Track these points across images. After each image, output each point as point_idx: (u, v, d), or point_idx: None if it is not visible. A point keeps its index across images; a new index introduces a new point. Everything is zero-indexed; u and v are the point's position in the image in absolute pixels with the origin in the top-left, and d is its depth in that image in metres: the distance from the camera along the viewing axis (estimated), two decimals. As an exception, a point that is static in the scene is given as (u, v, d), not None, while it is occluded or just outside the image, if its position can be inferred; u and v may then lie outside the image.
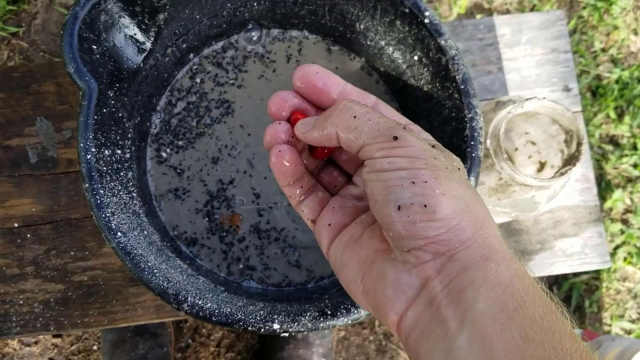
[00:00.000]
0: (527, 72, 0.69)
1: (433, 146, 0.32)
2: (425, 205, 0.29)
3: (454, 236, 0.29)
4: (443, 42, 0.47)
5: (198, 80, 0.57)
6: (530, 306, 0.26)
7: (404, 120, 0.35)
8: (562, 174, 0.52)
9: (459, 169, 0.32)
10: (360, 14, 0.51)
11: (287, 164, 0.35)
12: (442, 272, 0.29)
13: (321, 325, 0.43)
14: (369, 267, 0.33)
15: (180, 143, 0.56)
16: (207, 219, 0.55)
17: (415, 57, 0.50)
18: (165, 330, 0.99)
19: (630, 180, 1.19)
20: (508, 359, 0.24)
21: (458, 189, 0.30)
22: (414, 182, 0.29)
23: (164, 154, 0.56)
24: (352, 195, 0.37)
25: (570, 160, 0.53)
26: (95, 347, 1.08)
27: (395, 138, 0.30)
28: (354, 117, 0.32)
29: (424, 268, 0.29)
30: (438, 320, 0.28)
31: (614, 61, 1.23)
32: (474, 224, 0.29)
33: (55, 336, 1.08)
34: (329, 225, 0.36)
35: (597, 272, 1.17)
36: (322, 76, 0.35)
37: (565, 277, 1.16)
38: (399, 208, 0.29)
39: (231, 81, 0.57)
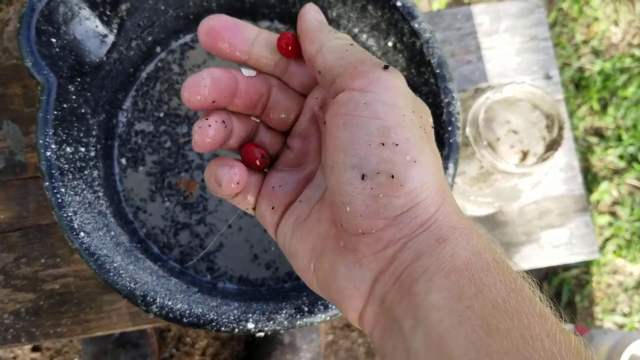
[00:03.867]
0: (506, 60, 0.68)
1: None
2: (392, 176, 0.25)
3: (414, 217, 0.25)
4: (417, 26, 0.45)
5: (165, 74, 0.55)
6: (492, 289, 0.23)
7: None
8: (545, 159, 0.51)
9: (430, 123, 0.28)
10: (331, 0, 0.50)
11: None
12: (394, 262, 0.25)
13: (298, 322, 0.41)
14: (318, 258, 0.29)
15: (149, 142, 0.54)
16: (180, 217, 0.53)
17: (390, 43, 0.49)
18: (148, 340, 0.96)
19: (616, 171, 1.19)
20: (470, 358, 0.21)
21: (429, 154, 0.26)
22: (383, 144, 0.25)
23: (131, 153, 0.54)
24: (290, 164, 0.32)
25: (553, 146, 0.52)
26: (76, 361, 1.05)
27: (386, 67, 0.26)
28: (351, 44, 0.28)
29: (377, 259, 0.26)
30: (392, 318, 0.25)
31: (596, 53, 1.22)
32: (437, 199, 0.26)
33: (34, 350, 1.05)
34: (272, 208, 0.31)
35: (587, 266, 1.15)
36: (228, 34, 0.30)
37: (555, 272, 1.15)
38: (363, 177, 0.25)
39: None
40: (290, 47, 0.30)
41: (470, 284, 0.23)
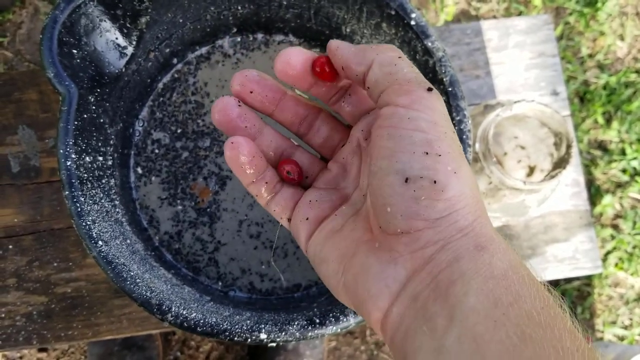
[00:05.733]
0: (515, 76, 0.69)
1: None
2: (435, 181, 0.26)
3: (454, 222, 0.26)
4: (430, 44, 0.46)
5: (180, 85, 0.56)
6: (527, 300, 0.24)
7: None
8: (552, 177, 0.52)
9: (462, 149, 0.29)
10: (346, 17, 0.51)
11: (244, 157, 0.32)
12: (431, 262, 0.26)
13: (309, 334, 0.42)
14: (349, 260, 0.30)
15: (166, 152, 0.55)
16: (190, 222, 0.54)
17: (402, 60, 0.50)
18: (153, 343, 0.97)
19: (619, 185, 1.19)
20: None
21: (467, 169, 0.27)
22: (427, 153, 0.26)
23: (147, 162, 0.55)
24: (328, 184, 0.34)
25: (560, 163, 0.53)
26: (81, 362, 1.06)
27: (430, 90, 0.28)
28: (399, 57, 0.29)
29: (413, 258, 0.27)
30: (425, 317, 0.25)
31: (601, 67, 1.23)
32: (475, 210, 0.27)
33: (40, 351, 1.06)
34: (307, 219, 0.33)
35: (589, 278, 1.16)
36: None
37: (556, 283, 1.16)
38: (406, 180, 0.26)
39: (214, 85, 0.56)
40: (327, 69, 0.32)
41: (507, 293, 0.24)
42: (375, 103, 0.30)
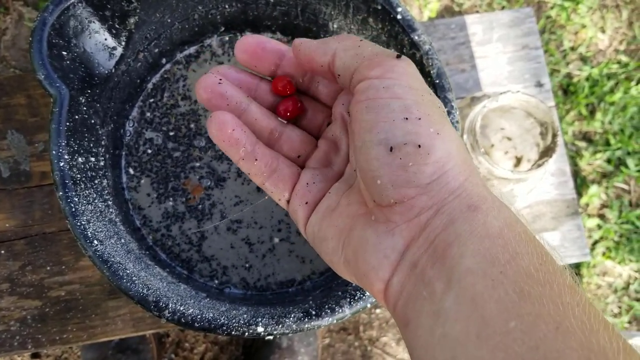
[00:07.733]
0: (499, 69, 0.70)
1: None
2: (419, 146, 0.26)
3: (444, 184, 0.26)
4: (416, 38, 0.47)
5: (170, 85, 0.56)
6: (524, 258, 0.23)
7: None
8: (539, 165, 0.53)
9: (444, 110, 0.30)
10: (332, 12, 0.52)
11: (226, 131, 0.32)
12: (427, 228, 0.26)
13: (306, 326, 0.43)
14: (348, 235, 0.30)
15: (157, 152, 0.55)
16: (182, 223, 0.55)
17: (390, 55, 0.51)
18: (147, 346, 0.97)
19: (604, 175, 1.21)
20: (502, 318, 0.22)
21: (450, 129, 0.27)
22: (407, 118, 0.27)
23: (138, 162, 0.55)
24: (321, 162, 0.35)
25: (547, 152, 0.54)
26: (75, 367, 1.05)
27: (399, 57, 0.28)
28: (360, 40, 0.30)
29: (409, 226, 0.27)
30: (424, 282, 0.25)
31: (584, 59, 1.25)
32: (464, 170, 0.27)
33: (34, 357, 1.05)
34: (306, 203, 0.33)
35: (578, 267, 1.18)
36: (261, 41, 0.34)
37: (546, 273, 1.17)
38: (390, 149, 0.27)
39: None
40: (288, 90, 0.35)
41: (504, 251, 0.24)
42: (349, 87, 0.30)
